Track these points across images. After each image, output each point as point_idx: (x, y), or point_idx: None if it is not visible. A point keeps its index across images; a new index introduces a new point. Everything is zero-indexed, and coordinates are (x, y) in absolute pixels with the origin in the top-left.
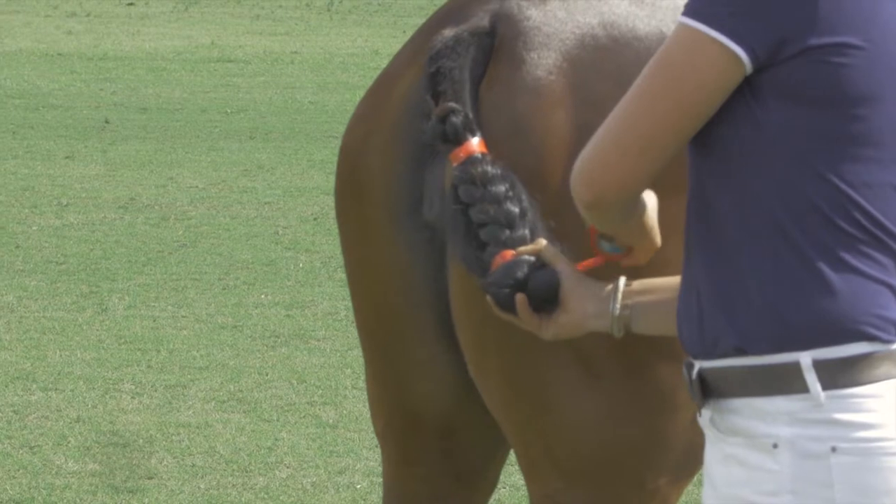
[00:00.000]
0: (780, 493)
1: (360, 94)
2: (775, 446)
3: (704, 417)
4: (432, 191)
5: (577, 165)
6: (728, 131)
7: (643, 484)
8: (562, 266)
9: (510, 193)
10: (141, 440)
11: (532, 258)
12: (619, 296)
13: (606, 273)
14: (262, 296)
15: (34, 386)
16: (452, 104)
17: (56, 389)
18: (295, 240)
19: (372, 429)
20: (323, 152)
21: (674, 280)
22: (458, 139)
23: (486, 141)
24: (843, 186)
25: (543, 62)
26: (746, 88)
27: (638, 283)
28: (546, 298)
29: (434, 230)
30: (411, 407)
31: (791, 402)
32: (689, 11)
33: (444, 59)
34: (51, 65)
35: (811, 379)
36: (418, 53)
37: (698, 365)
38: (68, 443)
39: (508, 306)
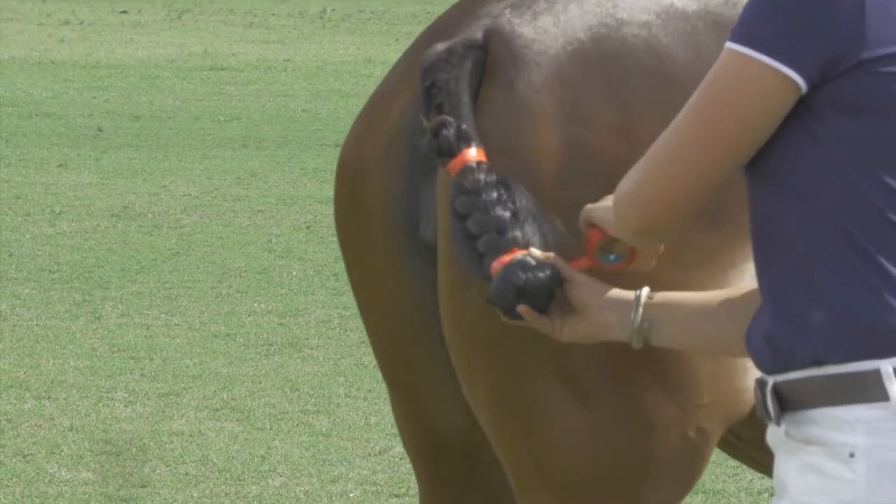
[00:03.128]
0: (855, 502)
1: (354, 101)
2: (852, 455)
3: (779, 432)
4: (428, 210)
5: (627, 193)
6: (787, 151)
7: (638, 499)
8: (572, 273)
9: (503, 198)
10: (134, 448)
11: (527, 258)
12: (641, 308)
13: (626, 283)
14: (256, 304)
15: (27, 394)
16: (445, 117)
17: (49, 398)
18: (288, 248)
19: (365, 437)
20: (316, 160)
21: (697, 296)
22: (452, 151)
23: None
24: None
25: (533, 81)
26: (802, 108)
27: (660, 296)
28: (548, 296)
29: (433, 251)
30: (434, 427)
31: (869, 410)
32: (737, 37)
33: (439, 71)
34: (44, 73)
35: (892, 387)
36: (411, 70)
37: (772, 380)
38: (61, 451)
39: (515, 315)
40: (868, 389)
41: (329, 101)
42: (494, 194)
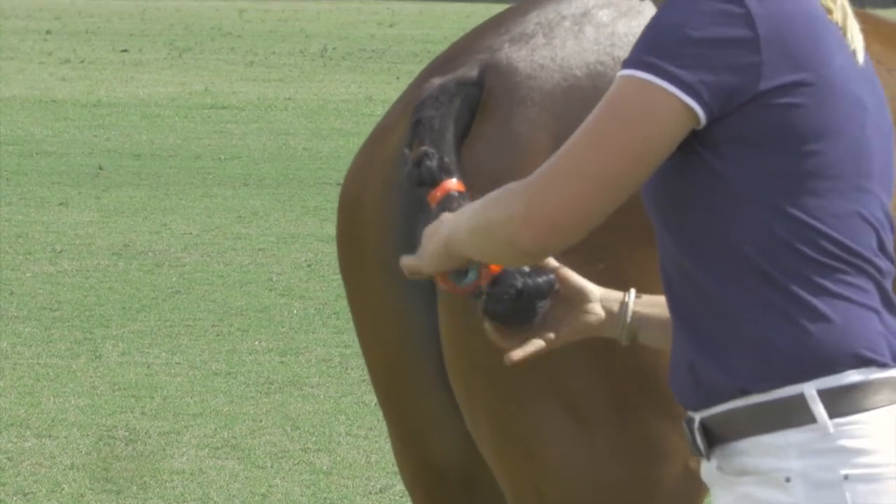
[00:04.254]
0: None
1: (354, 140)
2: (788, 480)
3: (710, 467)
4: None
5: (520, 214)
6: (689, 190)
7: None
8: (568, 271)
9: None
10: (135, 487)
11: (521, 267)
12: (631, 305)
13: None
14: (256, 342)
15: (28, 433)
16: (426, 148)
17: (50, 436)
18: (289, 286)
19: (366, 476)
20: (316, 199)
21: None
22: (434, 181)
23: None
24: (810, 220)
25: (528, 116)
26: (699, 145)
27: (647, 297)
28: (543, 300)
29: (429, 282)
30: (431, 459)
31: (799, 433)
32: (636, 63)
33: (427, 108)
34: (45, 111)
35: (817, 409)
36: (409, 105)
37: (698, 416)
38: (62, 490)
39: (511, 321)
40: (795, 414)
41: (330, 139)
42: None
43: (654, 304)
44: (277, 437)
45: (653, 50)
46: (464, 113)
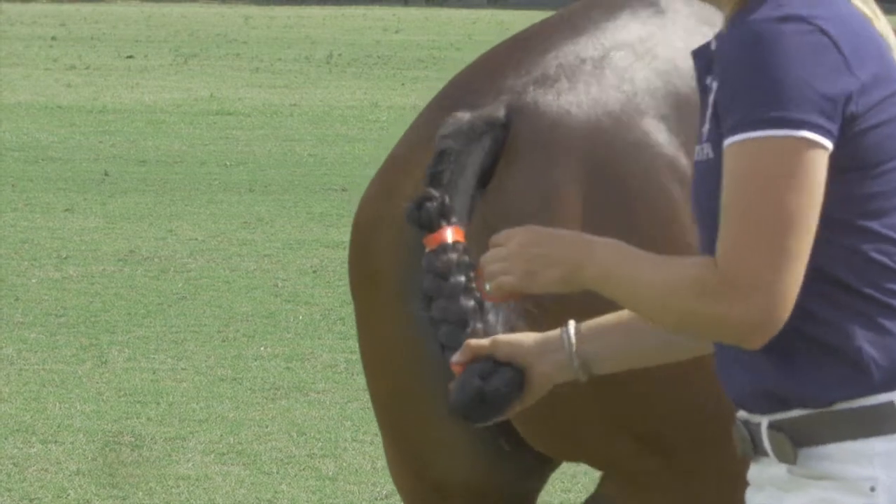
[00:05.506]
0: None
1: (360, 146)
2: (873, 489)
3: (772, 470)
4: None
5: (764, 295)
6: None
7: None
8: (515, 349)
9: (470, 285)
10: (141, 493)
11: (484, 364)
12: (574, 344)
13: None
14: (262, 348)
15: (34, 438)
16: (430, 191)
17: (56, 442)
18: (294, 292)
19: (371, 481)
20: (322, 205)
21: (619, 315)
22: (431, 226)
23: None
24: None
25: (557, 161)
26: None
27: (586, 328)
28: (512, 397)
29: None
30: (434, 481)
31: (888, 442)
32: (774, 122)
33: (455, 140)
34: (50, 117)
35: None
36: (430, 136)
37: (766, 419)
38: (68, 496)
39: (482, 419)
40: (884, 422)
41: (335, 145)
42: (462, 279)
43: (599, 332)
44: (283, 443)
45: (775, 101)
46: (492, 152)
